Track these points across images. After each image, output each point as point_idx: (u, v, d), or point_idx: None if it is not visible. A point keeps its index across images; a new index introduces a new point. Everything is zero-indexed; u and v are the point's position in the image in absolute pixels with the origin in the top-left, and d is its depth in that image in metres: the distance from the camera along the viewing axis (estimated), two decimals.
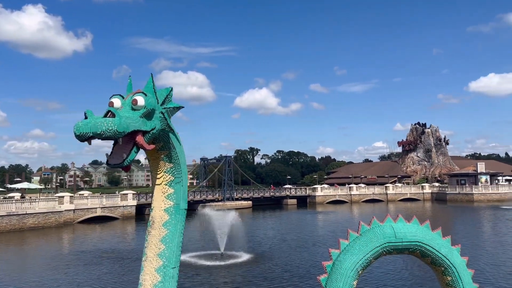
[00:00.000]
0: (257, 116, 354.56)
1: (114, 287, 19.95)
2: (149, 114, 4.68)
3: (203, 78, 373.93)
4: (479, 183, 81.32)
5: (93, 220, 52.06)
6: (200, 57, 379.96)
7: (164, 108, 5.03)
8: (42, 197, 54.90)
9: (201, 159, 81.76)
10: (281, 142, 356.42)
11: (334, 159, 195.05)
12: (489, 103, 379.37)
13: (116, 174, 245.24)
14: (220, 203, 70.43)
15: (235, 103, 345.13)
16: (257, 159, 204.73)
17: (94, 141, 4.19)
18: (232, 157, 77.76)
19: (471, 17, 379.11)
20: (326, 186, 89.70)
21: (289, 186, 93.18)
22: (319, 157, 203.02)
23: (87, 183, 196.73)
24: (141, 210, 60.47)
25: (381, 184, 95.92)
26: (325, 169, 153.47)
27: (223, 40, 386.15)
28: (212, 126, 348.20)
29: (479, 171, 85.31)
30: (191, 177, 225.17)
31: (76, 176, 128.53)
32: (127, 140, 4.42)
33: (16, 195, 57.54)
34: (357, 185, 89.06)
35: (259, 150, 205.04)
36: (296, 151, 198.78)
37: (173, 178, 5.21)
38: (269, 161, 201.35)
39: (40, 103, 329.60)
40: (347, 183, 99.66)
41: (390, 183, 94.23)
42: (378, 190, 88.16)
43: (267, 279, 20.40)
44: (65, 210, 49.48)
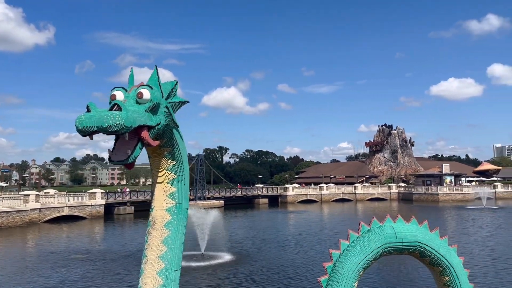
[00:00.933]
0: (225, 115, 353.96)
1: None
2: (154, 108, 4.43)
3: (170, 75, 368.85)
4: (444, 184, 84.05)
5: (60, 219, 50.17)
6: (167, 54, 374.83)
7: (169, 102, 4.77)
8: (5, 196, 52.42)
9: None
10: (249, 141, 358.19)
11: (302, 159, 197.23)
12: (449, 106, 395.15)
13: (79, 172, 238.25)
14: (191, 202, 69.42)
15: (202, 101, 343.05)
16: (226, 158, 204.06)
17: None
18: (203, 156, 76.80)
19: (433, 22, 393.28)
20: (297, 185, 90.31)
21: (261, 185, 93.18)
22: (288, 157, 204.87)
23: (49, 181, 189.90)
24: (110, 209, 58.94)
25: (349, 184, 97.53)
26: (294, 169, 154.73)
27: (191, 37, 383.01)
28: (179, 124, 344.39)
29: (444, 172, 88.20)
30: None
31: (40, 174, 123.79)
32: (131, 135, 4.17)
33: None
34: (327, 185, 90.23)
35: (228, 149, 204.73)
36: (265, 150, 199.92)
37: (176, 176, 4.99)
38: (238, 160, 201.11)
39: None
40: (313, 183, 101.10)
41: (358, 183, 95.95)
42: (347, 189, 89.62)
43: (255, 281, 19.97)
44: (31, 209, 47.39)
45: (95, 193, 57.30)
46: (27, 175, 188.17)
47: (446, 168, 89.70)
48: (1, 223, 43.58)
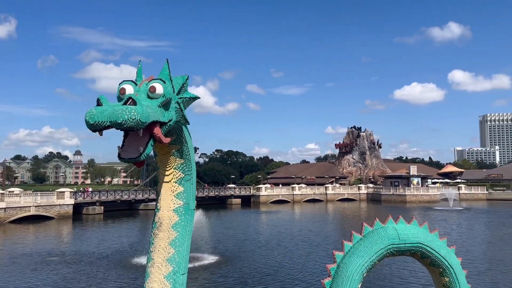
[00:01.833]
0: (193, 114, 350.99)
1: None
2: (167, 104, 4.24)
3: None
4: (411, 185, 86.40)
5: (26, 219, 48.14)
6: (134, 51, 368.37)
7: (180, 98, 4.57)
8: None
9: None
10: (218, 141, 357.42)
11: (272, 160, 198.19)
12: (412, 110, 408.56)
13: (41, 170, 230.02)
14: None
15: None
16: (195, 158, 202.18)
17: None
18: None
19: (397, 28, 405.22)
20: (268, 186, 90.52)
21: (233, 185, 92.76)
22: (258, 157, 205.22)
23: (10, 179, 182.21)
24: (78, 209, 57.06)
25: (319, 184, 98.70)
26: (264, 169, 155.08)
27: (160, 34, 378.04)
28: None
29: (411, 174, 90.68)
30: (124, 174, 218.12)
31: (4, 172, 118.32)
32: (143, 132, 3.95)
33: None
34: (298, 185, 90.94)
35: (198, 148, 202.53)
36: (235, 150, 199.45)
37: (183, 175, 4.80)
38: (207, 160, 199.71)
39: None
40: (280, 184, 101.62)
41: (328, 184, 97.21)
42: (318, 190, 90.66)
43: (246, 284, 19.59)
44: None
45: (64, 192, 55.32)
46: None
47: (413, 169, 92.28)
48: None
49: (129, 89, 4.25)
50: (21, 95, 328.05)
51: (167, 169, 4.76)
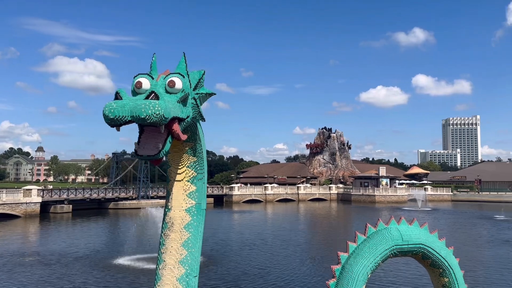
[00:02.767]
0: None
1: None
2: (185, 99, 4.12)
3: (102, 67, 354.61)
4: (380, 186, 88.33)
5: None
6: (100, 45, 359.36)
7: (196, 93, 4.43)
8: None
9: (113, 154, 76.63)
10: None
11: (242, 159, 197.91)
12: (377, 113, 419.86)
13: (1, 167, 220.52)
14: (134, 201, 66.86)
15: None
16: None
17: None
18: None
19: (364, 32, 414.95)
20: (241, 185, 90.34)
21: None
22: (228, 156, 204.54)
23: None
24: (46, 207, 55.12)
25: (290, 184, 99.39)
26: (235, 169, 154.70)
27: (127, 29, 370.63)
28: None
29: (380, 175, 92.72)
30: (89, 172, 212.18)
31: None
32: (160, 129, 3.79)
33: None
34: (271, 185, 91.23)
35: None
36: None
37: (196, 174, 4.68)
38: None
39: None
40: (249, 183, 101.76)
41: (299, 184, 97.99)
42: (290, 190, 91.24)
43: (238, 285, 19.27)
44: None
45: (31, 190, 53.19)
46: None
47: (382, 170, 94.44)
48: None
49: (146, 83, 4.06)
50: None
51: (179, 167, 4.60)
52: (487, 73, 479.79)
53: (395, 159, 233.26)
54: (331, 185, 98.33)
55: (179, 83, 4.04)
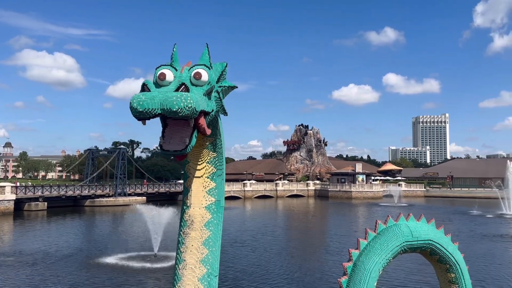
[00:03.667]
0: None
1: None
2: (211, 92, 3.98)
3: (72, 61, 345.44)
4: (357, 182, 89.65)
5: None
6: (70, 39, 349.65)
7: (219, 86, 4.30)
8: None
9: (89, 150, 74.68)
10: (158, 136, 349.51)
11: None
12: (349, 110, 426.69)
13: None
14: (111, 199, 65.47)
15: (107, 91, 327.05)
16: (137, 153, 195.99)
17: None
18: (126, 150, 72.62)
19: (336, 31, 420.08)
20: None
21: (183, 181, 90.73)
22: None
23: None
24: (19, 205, 53.30)
25: (268, 181, 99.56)
26: None
27: (98, 23, 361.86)
28: (79, 115, 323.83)
29: (357, 171, 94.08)
30: (60, 169, 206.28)
31: None
32: (185, 122, 3.68)
33: None
34: (249, 182, 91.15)
35: (140, 143, 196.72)
36: None
37: (216, 170, 4.55)
38: (149, 155, 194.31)
39: None
40: (230, 180, 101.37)
41: (277, 180, 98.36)
42: (269, 186, 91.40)
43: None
44: None
45: (4, 187, 51.24)
46: None
47: (358, 167, 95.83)
48: None
49: (169, 75, 3.89)
50: None
51: (199, 163, 4.44)
52: (454, 72, 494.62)
53: (368, 156, 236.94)
54: (308, 182, 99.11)
55: (205, 75, 3.92)
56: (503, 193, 60.52)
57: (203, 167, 4.46)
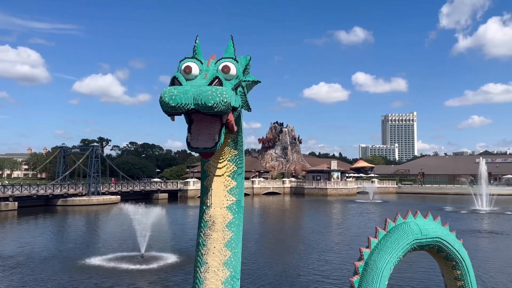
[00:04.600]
0: (100, 104, 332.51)
1: None
2: (238, 86, 3.87)
3: (37, 56, 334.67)
4: (332, 179, 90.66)
5: None
6: (34, 33, 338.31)
7: (244, 81, 4.17)
8: None
9: (60, 147, 72.28)
10: (128, 133, 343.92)
11: (190, 153, 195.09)
12: (319, 108, 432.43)
13: None
14: (85, 198, 63.62)
15: (74, 87, 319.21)
16: (107, 151, 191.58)
17: None
18: (99, 147, 70.64)
19: (307, 30, 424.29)
20: (196, 180, 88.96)
21: (159, 180, 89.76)
22: (176, 151, 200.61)
23: None
24: None
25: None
26: (184, 163, 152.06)
27: (64, 17, 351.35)
28: (44, 111, 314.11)
29: (332, 168, 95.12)
30: (26, 167, 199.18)
31: None
32: (213, 118, 3.50)
33: None
34: None
35: (110, 140, 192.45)
36: (151, 143, 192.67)
37: (237, 168, 4.41)
38: (120, 153, 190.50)
39: None
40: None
41: (253, 178, 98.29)
42: (245, 184, 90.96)
43: None
44: None
45: None
46: None
47: (334, 164, 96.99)
48: None
49: (195, 68, 3.70)
50: None
51: (220, 161, 4.30)
52: (421, 72, 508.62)
53: (340, 153, 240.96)
54: (284, 179, 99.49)
55: (233, 68, 3.74)
56: (475, 189, 62.47)
57: (224, 165, 4.28)
